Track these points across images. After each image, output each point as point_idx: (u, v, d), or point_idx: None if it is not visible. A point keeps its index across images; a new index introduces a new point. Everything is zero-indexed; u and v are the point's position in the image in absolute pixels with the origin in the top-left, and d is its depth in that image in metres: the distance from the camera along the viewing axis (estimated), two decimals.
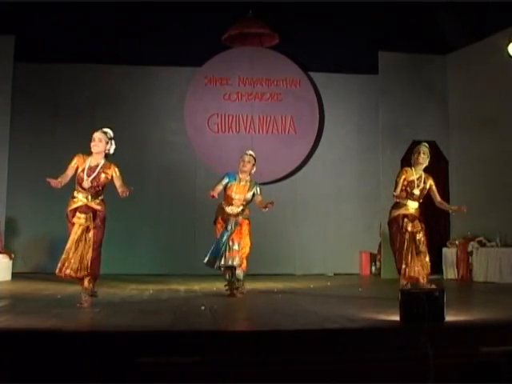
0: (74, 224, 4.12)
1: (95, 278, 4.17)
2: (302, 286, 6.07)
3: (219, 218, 4.87)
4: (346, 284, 6.41)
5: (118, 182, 4.28)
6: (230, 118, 7.97)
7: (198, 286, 5.87)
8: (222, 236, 4.71)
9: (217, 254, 4.72)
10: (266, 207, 4.66)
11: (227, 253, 4.70)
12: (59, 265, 4.03)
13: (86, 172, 4.21)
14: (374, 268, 7.72)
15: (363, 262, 7.82)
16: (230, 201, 4.87)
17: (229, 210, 4.85)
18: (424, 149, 4.80)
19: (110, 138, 4.34)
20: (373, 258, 7.73)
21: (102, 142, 4.30)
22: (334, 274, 7.68)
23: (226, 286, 4.90)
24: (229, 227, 4.74)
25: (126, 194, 4.13)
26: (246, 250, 4.79)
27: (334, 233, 7.94)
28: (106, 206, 4.30)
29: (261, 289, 5.53)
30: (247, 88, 7.99)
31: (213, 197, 4.55)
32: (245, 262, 4.77)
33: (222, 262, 4.68)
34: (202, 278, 6.51)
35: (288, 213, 7.94)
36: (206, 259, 4.71)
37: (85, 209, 4.16)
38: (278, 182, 7.95)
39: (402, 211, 4.72)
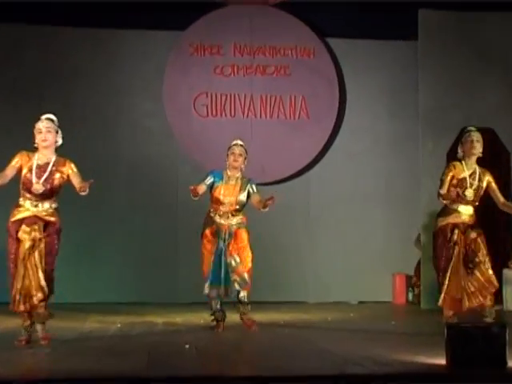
0: (18, 240, 4.13)
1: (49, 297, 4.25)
2: (317, 317, 6.17)
3: (206, 232, 5.04)
4: (375, 315, 6.49)
5: (75, 180, 4.35)
6: (223, 97, 7.97)
7: (180, 318, 5.95)
8: (216, 257, 4.90)
9: (216, 281, 4.91)
10: (265, 206, 4.82)
11: (230, 274, 4.91)
12: (12, 299, 4.12)
13: (34, 173, 4.23)
14: (411, 295, 7.78)
15: (397, 286, 7.90)
16: (218, 206, 5.05)
17: (218, 218, 5.04)
18: (476, 135, 4.80)
19: (58, 126, 4.41)
20: (410, 282, 7.80)
21: (51, 133, 4.36)
22: (359, 303, 7.78)
23: (212, 314, 5.02)
24: (220, 244, 4.91)
25: (85, 190, 4.18)
26: (248, 263, 4.97)
27: (359, 248, 7.97)
28: (60, 217, 4.35)
29: (263, 321, 5.60)
30: (245, 59, 8.02)
31: (194, 194, 4.73)
32: (248, 279, 4.96)
33: (227, 291, 4.93)
34: (185, 307, 6.62)
35: (298, 222, 8.00)
36: (207, 290, 4.91)
37: (33, 220, 4.20)
38: (285, 182, 8.01)
39: (451, 219, 4.72)
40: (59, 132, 4.42)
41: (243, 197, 5.14)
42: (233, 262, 4.96)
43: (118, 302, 7.15)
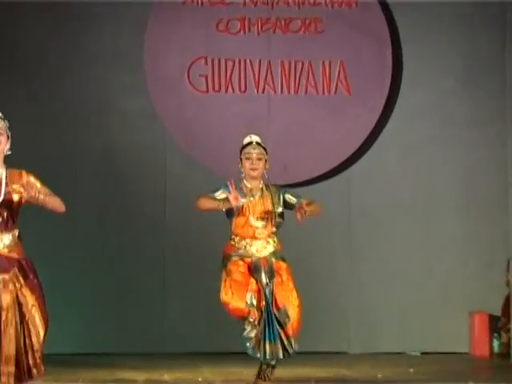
0: None
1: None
2: (362, 374, 6.20)
3: (233, 266, 5.25)
4: (445, 372, 6.42)
5: (40, 196, 4.42)
6: (229, 65, 7.97)
7: (168, 376, 5.97)
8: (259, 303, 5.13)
9: (271, 337, 5.15)
10: (302, 213, 4.99)
11: (278, 330, 5.14)
12: None
13: None
14: (496, 343, 7.75)
15: (476, 331, 7.85)
16: (248, 233, 5.23)
17: (250, 249, 5.22)
18: None
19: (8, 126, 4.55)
20: (495, 325, 7.76)
21: (3, 136, 4.44)
22: (422, 354, 7.80)
23: (264, 368, 5.25)
24: (263, 281, 5.11)
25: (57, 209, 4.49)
26: (296, 308, 5.22)
27: (422, 277, 7.95)
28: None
29: (289, 378, 5.66)
30: (260, 10, 7.97)
31: (236, 200, 5.02)
32: (295, 343, 5.21)
33: (272, 351, 5.14)
34: (175, 358, 6.76)
35: (335, 240, 8.02)
36: (250, 345, 5.11)
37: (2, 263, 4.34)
38: (316, 184, 7.98)
39: None
40: (9, 137, 4.51)
41: (279, 213, 5.31)
42: (282, 317, 5.19)
43: (83, 352, 7.26)
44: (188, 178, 7.71)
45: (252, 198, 5.26)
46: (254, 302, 5.13)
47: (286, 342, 5.09)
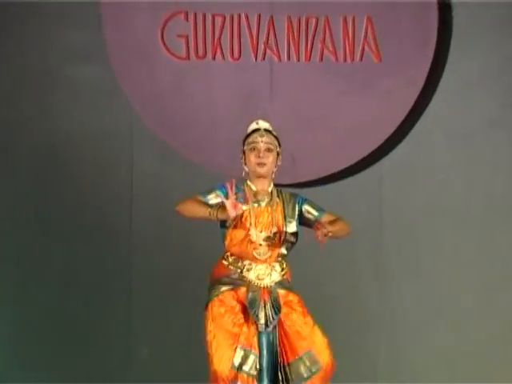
0: None
1: None
2: None
3: (222, 300, 4.81)
4: None
5: None
6: (219, 22, 7.11)
7: None
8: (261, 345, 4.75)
9: None
10: (323, 233, 4.59)
11: None
12: None
13: None
14: None
15: None
16: (247, 252, 4.79)
17: (248, 274, 4.80)
18: None
19: None
20: None
21: None
22: None
23: None
24: (261, 321, 4.68)
25: None
26: (326, 349, 4.83)
27: (477, 308, 7.15)
28: None
29: None
30: None
31: (234, 208, 4.55)
32: (331, 371, 4.86)
33: None
34: None
35: (362, 256, 7.24)
36: None
37: None
38: (335, 183, 7.23)
39: None
40: None
41: (292, 228, 4.80)
42: (306, 370, 4.72)
43: None
44: (162, 176, 7.08)
45: (256, 205, 4.76)
46: (248, 363, 4.64)
47: None
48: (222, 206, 4.58)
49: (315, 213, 4.82)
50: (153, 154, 7.07)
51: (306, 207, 4.83)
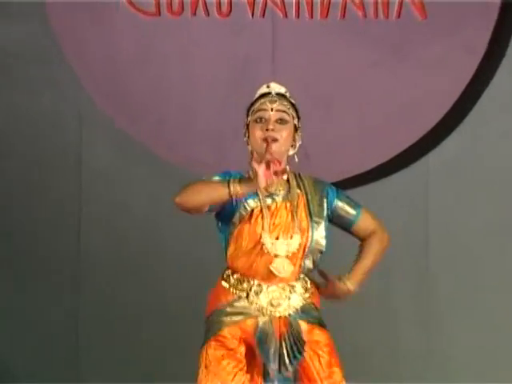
0: None
1: None
2: None
3: (219, 337, 4.04)
4: None
5: None
6: None
7: None
8: None
9: None
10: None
11: None
12: None
13: None
14: None
15: None
16: (257, 267, 3.98)
17: (262, 300, 3.99)
18: None
19: None
20: None
21: None
22: None
23: None
24: (273, 368, 3.90)
25: None
26: None
27: None
28: None
29: None
30: None
31: (276, 163, 3.76)
32: None
33: None
34: None
35: (402, 278, 6.38)
36: None
37: None
38: (366, 186, 6.31)
39: None
40: None
41: (321, 232, 3.91)
42: None
43: None
44: (119, 175, 6.13)
45: (270, 200, 3.85)
46: None
47: None
48: (245, 178, 3.86)
49: (352, 211, 3.96)
50: (107, 147, 6.07)
51: (338, 203, 3.98)
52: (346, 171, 5.90)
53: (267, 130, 3.80)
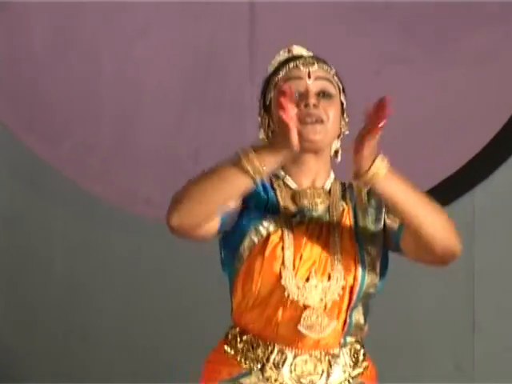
0: None
1: None
2: None
3: None
4: None
5: None
6: None
7: None
8: None
9: None
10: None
11: None
12: None
13: None
14: None
15: None
16: (276, 325, 3.12)
17: (286, 375, 3.11)
18: None
19: None
20: None
21: None
22: None
23: None
24: None
25: None
26: None
27: None
28: None
29: None
30: None
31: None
32: None
33: None
34: None
35: (444, 325, 5.93)
36: None
37: None
38: None
39: None
40: None
41: (375, 271, 2.88)
42: None
43: None
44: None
45: (298, 219, 2.88)
46: None
47: None
48: (269, 144, 2.70)
49: (395, 224, 2.97)
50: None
51: (388, 215, 3.00)
52: None
53: (306, 105, 2.59)
